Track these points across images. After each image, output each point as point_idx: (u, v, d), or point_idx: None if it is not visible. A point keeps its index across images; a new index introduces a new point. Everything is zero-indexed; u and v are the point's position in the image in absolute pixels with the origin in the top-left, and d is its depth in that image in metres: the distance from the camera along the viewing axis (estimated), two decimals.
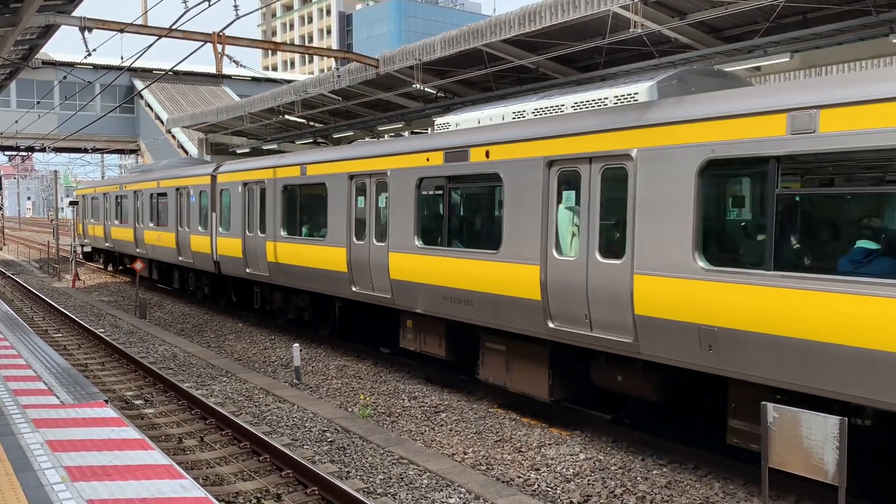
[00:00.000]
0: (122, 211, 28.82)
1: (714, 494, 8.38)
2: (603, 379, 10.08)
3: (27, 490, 6.37)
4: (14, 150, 49.74)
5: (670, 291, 8.39)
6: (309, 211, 16.21)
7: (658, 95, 9.42)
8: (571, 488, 8.58)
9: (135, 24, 16.92)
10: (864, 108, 6.81)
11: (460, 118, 12.64)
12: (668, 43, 15.28)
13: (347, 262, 14.42)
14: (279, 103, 26.42)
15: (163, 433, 10.64)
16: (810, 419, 6.43)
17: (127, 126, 50.44)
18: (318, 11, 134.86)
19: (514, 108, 11.42)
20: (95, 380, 13.79)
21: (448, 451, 9.87)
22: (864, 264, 7.01)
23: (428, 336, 13.03)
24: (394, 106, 24.80)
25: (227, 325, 20.10)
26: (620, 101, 9.75)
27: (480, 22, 17.14)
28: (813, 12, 13.53)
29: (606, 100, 9.95)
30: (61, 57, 45.76)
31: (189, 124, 36.24)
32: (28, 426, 8.28)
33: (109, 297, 26.47)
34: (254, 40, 20.20)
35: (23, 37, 18.50)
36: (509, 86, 20.13)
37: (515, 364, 11.15)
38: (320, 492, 8.22)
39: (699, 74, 9.93)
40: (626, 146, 8.94)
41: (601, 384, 10.16)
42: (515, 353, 11.12)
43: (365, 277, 13.94)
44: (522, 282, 10.31)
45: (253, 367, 15.04)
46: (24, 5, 14.46)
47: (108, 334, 18.40)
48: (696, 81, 9.65)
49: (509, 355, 11.24)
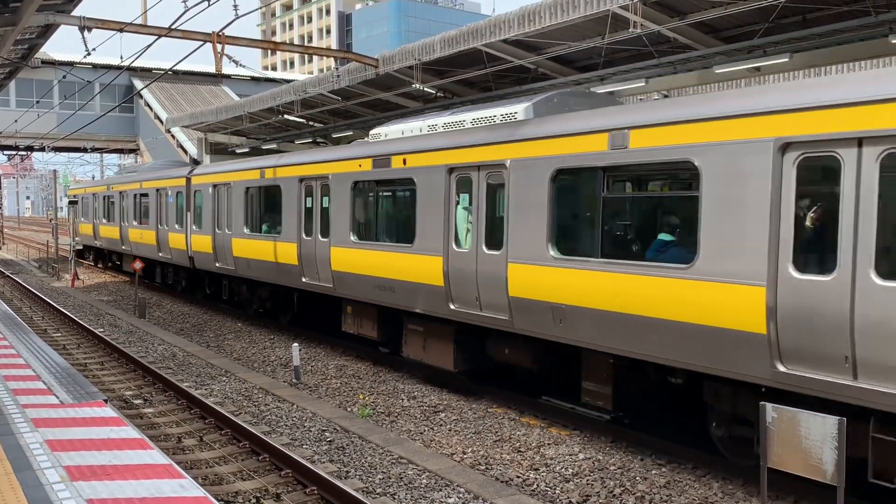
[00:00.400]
0: (109, 210, 30.44)
1: (713, 494, 8.39)
2: (495, 352, 11.93)
3: (27, 489, 6.37)
4: (13, 150, 49.70)
5: (532, 276, 10.37)
6: (267, 210, 17.89)
7: (534, 114, 11.21)
8: (570, 488, 8.59)
9: (134, 23, 16.92)
10: (659, 129, 8.66)
11: (389, 129, 14.26)
12: (668, 43, 15.28)
13: (298, 255, 16.21)
14: (279, 103, 26.42)
15: (162, 433, 10.64)
16: (809, 419, 6.44)
17: (126, 126, 50.41)
18: (317, 11, 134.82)
19: (429, 122, 13.17)
20: (95, 379, 13.79)
21: (447, 450, 9.88)
22: (662, 252, 8.89)
23: (364, 320, 14.79)
24: (393, 106, 24.81)
25: (227, 324, 20.10)
26: (504, 118, 11.57)
27: (480, 22, 17.14)
28: (812, 13, 13.54)
29: (494, 117, 11.77)
30: (61, 56, 45.71)
31: (188, 124, 36.23)
32: (27, 426, 8.28)
33: (108, 296, 26.47)
34: (253, 40, 20.20)
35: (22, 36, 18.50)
36: (509, 86, 20.14)
37: (429, 342, 12.85)
38: (319, 491, 8.22)
39: (573, 96, 11.73)
40: (502, 157, 10.87)
41: (494, 357, 12.01)
42: (429, 333, 12.82)
43: (312, 269, 15.70)
44: (430, 271, 12.15)
45: (252, 367, 15.04)
46: (24, 4, 14.45)
47: (107, 334, 18.40)
48: (568, 102, 11.41)
49: (425, 335, 12.94)
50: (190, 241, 22.17)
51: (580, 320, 9.57)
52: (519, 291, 10.49)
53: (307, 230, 15.95)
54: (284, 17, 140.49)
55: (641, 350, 8.88)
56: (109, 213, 30.41)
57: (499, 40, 16.53)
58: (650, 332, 8.68)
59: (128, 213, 27.95)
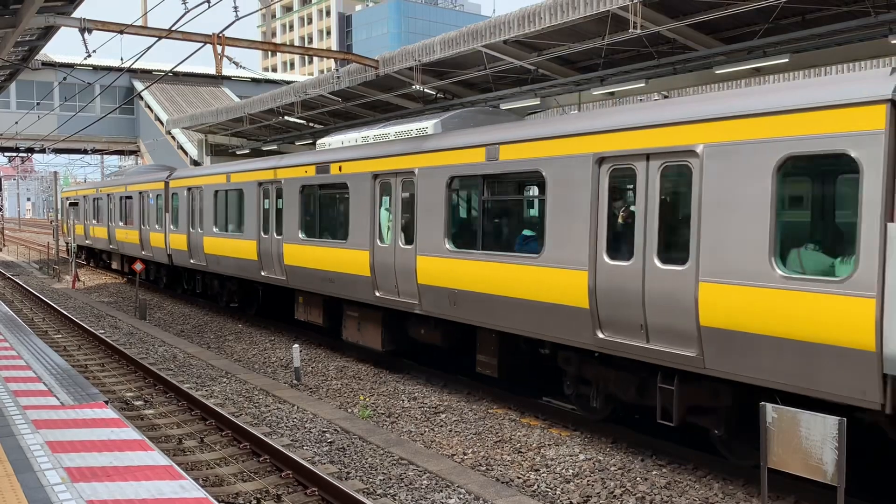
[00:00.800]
0: (98, 212, 32.54)
1: (713, 495, 8.39)
2: (414, 333, 13.64)
3: (27, 491, 6.38)
4: (14, 152, 49.74)
5: (434, 267, 12.25)
6: (232, 211, 19.74)
7: (442, 129, 13.00)
8: (571, 489, 8.59)
9: (134, 25, 16.94)
10: (519, 145, 10.66)
11: (332, 140, 16.05)
12: (668, 44, 15.29)
13: (257, 252, 18.07)
14: (279, 104, 26.44)
15: (163, 434, 10.65)
16: (809, 420, 6.44)
17: (127, 127, 50.44)
18: (317, 12, 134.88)
19: (363, 134, 15.00)
20: (95, 381, 13.80)
21: (448, 451, 9.88)
22: (524, 245, 10.78)
23: (312, 309, 16.69)
24: (393, 107, 24.82)
25: (227, 326, 20.11)
26: (418, 132, 13.40)
27: (480, 23, 17.16)
28: (812, 13, 13.54)
29: (411, 131, 13.58)
30: (61, 58, 45.74)
31: (189, 125, 36.25)
32: (28, 427, 8.29)
33: (109, 298, 26.49)
34: (253, 41, 20.21)
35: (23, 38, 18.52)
36: (509, 87, 20.15)
37: (363, 326, 14.67)
38: (320, 492, 8.23)
39: (481, 113, 13.59)
40: (413, 166, 12.73)
41: (414, 337, 13.71)
42: (363, 318, 14.66)
43: (269, 264, 17.59)
44: (360, 264, 14.02)
45: (253, 368, 15.05)
46: (24, 6, 14.47)
47: (107, 335, 18.41)
48: (475, 118, 13.21)
49: (360, 320, 14.77)
50: (168, 239, 23.98)
51: (468, 302, 11.57)
52: (425, 279, 12.47)
53: (265, 229, 17.80)
54: (284, 18, 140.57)
55: (514, 326, 10.80)
56: (98, 214, 32.43)
57: (499, 41, 16.55)
58: (519, 310, 10.58)
59: (115, 214, 29.88)
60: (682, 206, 8.66)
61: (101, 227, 31.75)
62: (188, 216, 22.31)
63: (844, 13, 13.16)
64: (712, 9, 13.43)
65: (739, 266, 7.83)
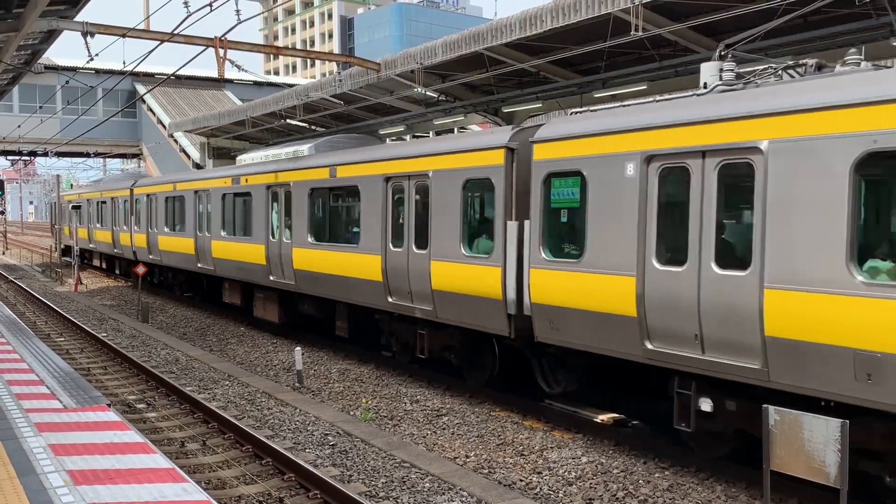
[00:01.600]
0: (80, 215, 36.81)
1: (716, 498, 8.38)
2: (303, 309, 17.47)
3: (30, 494, 6.39)
4: (16, 155, 49.77)
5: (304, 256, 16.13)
6: (178, 214, 23.82)
7: (315, 151, 17.12)
8: (574, 492, 8.58)
9: (137, 28, 16.96)
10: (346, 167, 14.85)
11: (245, 157, 20.94)
12: (670, 46, 15.29)
13: (195, 247, 22.10)
14: (281, 107, 26.46)
15: (165, 437, 10.65)
16: (812, 422, 6.43)
17: (129, 130, 50.49)
18: (319, 16, 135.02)
19: (262, 154, 19.73)
20: (98, 384, 13.81)
21: (450, 454, 9.88)
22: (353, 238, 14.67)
23: (234, 293, 21.02)
24: (395, 110, 24.82)
25: (229, 328, 20.13)
26: (296, 153, 17.68)
27: (482, 26, 17.17)
28: (813, 15, 13.53)
29: (295, 152, 17.77)
30: (63, 61, 45.78)
31: (191, 128, 36.31)
32: (31, 430, 8.29)
33: (111, 301, 26.51)
34: (255, 45, 20.24)
35: (25, 42, 18.55)
36: (511, 89, 20.16)
37: (266, 304, 18.82)
38: (322, 495, 8.22)
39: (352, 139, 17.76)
40: (290, 179, 16.84)
41: (303, 312, 17.55)
42: (266, 299, 18.78)
43: (203, 257, 21.70)
44: (260, 255, 18.08)
45: (255, 371, 15.05)
46: (27, 10, 14.50)
47: (110, 338, 18.43)
48: (342, 143, 17.25)
49: (265, 300, 18.88)
50: (133, 239, 28.24)
51: (323, 282, 15.52)
52: (300, 266, 16.33)
53: (199, 228, 21.89)
54: (286, 21, 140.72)
55: (361, 299, 14.41)
56: (80, 217, 36.71)
57: (501, 44, 16.55)
58: (359, 287, 14.30)
59: (93, 217, 34.37)
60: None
61: (83, 229, 35.98)
62: (148, 218, 26.55)
63: (846, 15, 13.15)
64: (714, 11, 13.42)
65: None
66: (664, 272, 8.66)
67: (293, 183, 16.54)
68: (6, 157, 51.79)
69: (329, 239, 15.52)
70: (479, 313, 11.51)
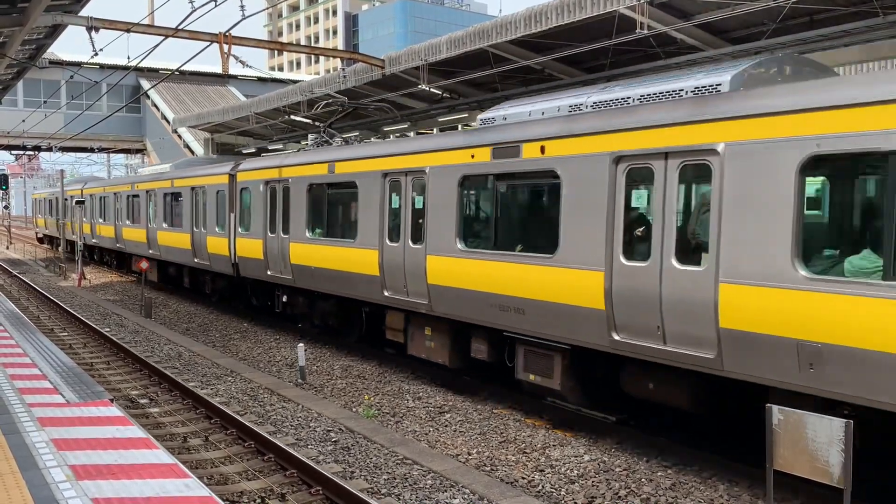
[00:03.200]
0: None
1: (719, 497, 8.36)
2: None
3: (32, 488, 6.39)
4: (21, 150, 49.86)
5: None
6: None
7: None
8: (576, 490, 8.57)
9: (141, 24, 16.96)
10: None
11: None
12: (675, 44, 15.25)
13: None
14: (285, 103, 26.46)
15: (168, 432, 10.66)
16: (816, 422, 6.41)
17: (133, 126, 50.56)
18: (323, 12, 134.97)
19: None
20: (101, 379, 13.82)
21: (452, 451, 9.87)
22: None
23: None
24: (399, 106, 24.80)
25: (233, 324, 20.14)
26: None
27: (486, 23, 17.14)
28: (820, 14, 13.49)
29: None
30: (68, 56, 45.84)
31: (195, 124, 36.31)
32: (33, 425, 8.30)
33: (115, 296, 26.54)
34: (260, 40, 20.23)
35: (30, 36, 18.54)
36: (515, 86, 20.12)
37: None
38: (324, 491, 8.22)
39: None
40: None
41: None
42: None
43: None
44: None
45: (258, 367, 15.06)
46: (32, 5, 14.49)
47: (113, 333, 18.44)
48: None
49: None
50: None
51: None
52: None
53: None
54: (291, 17, 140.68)
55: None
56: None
57: (505, 41, 16.52)
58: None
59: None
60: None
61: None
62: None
63: (852, 14, 13.11)
64: (719, 9, 13.38)
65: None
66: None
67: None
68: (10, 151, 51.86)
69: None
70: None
